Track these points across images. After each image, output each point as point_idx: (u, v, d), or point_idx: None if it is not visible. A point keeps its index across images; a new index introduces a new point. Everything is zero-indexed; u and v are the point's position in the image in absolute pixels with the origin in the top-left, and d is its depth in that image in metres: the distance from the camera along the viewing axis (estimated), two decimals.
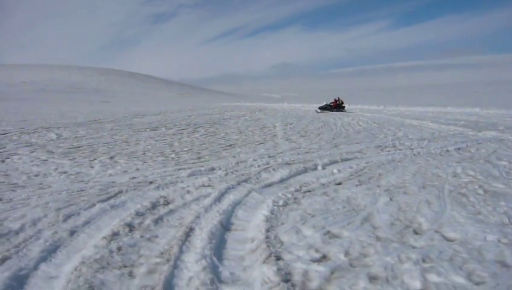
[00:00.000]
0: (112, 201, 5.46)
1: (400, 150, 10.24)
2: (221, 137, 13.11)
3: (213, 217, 4.80)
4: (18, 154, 9.37)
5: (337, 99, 29.45)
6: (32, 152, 9.71)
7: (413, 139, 12.36)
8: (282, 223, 4.66)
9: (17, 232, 4.30)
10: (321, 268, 3.52)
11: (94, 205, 5.27)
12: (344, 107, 29.07)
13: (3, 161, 8.55)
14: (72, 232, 4.31)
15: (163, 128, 15.77)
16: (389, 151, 10.08)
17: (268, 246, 3.95)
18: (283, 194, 5.82)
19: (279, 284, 3.21)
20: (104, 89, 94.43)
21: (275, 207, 5.20)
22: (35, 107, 35.15)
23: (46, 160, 8.72)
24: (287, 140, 12.40)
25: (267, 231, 4.39)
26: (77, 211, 5.00)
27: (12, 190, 6.12)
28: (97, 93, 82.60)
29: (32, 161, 8.55)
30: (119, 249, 3.88)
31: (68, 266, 3.54)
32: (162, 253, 3.84)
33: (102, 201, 5.44)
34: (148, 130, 15.24)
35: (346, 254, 3.86)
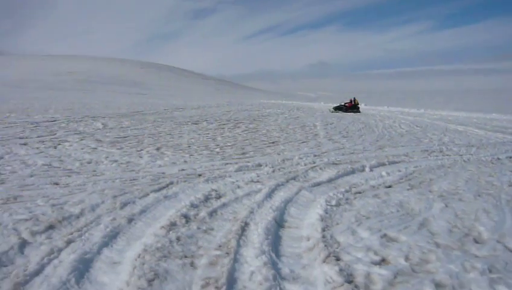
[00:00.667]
0: (164, 191, 5.53)
1: (448, 155, 9.99)
2: (263, 134, 13.11)
3: (267, 213, 4.78)
4: (68, 141, 9.62)
5: (352, 99, 28.91)
6: (81, 140, 9.96)
7: (461, 145, 12.03)
8: (337, 224, 4.61)
9: (77, 217, 4.40)
10: (383, 271, 3.45)
11: (148, 194, 5.35)
12: (359, 108, 28.57)
13: (55, 147, 8.79)
14: (130, 220, 4.38)
15: (205, 123, 15.89)
16: (436, 156, 9.85)
17: (326, 246, 3.91)
18: (334, 194, 5.75)
19: (342, 285, 3.17)
20: (142, 81, 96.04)
21: (328, 207, 5.15)
22: (79, 96, 36.09)
23: (96, 148, 8.92)
24: (329, 140, 12.29)
25: (323, 230, 4.34)
26: (132, 199, 5.08)
27: (68, 176, 6.29)
28: (136, 85, 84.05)
29: (82, 149, 8.76)
30: (178, 239, 3.92)
31: (131, 253, 3.60)
32: (220, 246, 3.85)
33: (155, 191, 5.52)
34: (189, 123, 15.39)
35: (407, 258, 3.77)
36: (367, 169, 7.76)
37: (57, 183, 5.82)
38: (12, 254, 3.46)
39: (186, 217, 4.52)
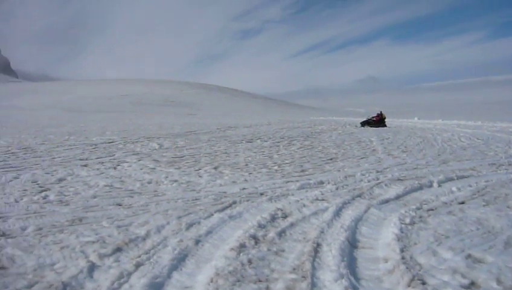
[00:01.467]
0: (228, 211, 5.38)
1: None
2: (319, 150, 12.82)
3: (338, 233, 4.53)
4: (127, 162, 9.72)
5: (379, 113, 27.62)
6: (139, 160, 10.04)
7: None
8: (415, 243, 4.28)
9: (144, 239, 4.31)
10: None
11: (212, 214, 5.22)
12: (385, 122, 27.20)
13: (115, 168, 8.88)
14: (197, 241, 4.25)
15: (259, 141, 15.78)
16: (506, 169, 9.25)
17: (407, 268, 3.60)
18: (406, 212, 5.42)
19: None
20: (193, 102, 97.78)
21: (403, 225, 4.82)
22: (133, 118, 37.06)
23: (154, 168, 8.95)
24: (388, 155, 11.85)
25: (401, 251, 4.03)
26: (197, 219, 4.96)
27: (130, 196, 6.28)
28: (187, 106, 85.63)
29: (141, 169, 8.80)
30: (249, 261, 3.73)
31: (202, 277, 3.44)
32: (294, 269, 3.63)
33: (219, 211, 5.38)
34: (244, 142, 15.32)
35: (499, 282, 3.42)
36: (435, 185, 7.34)
37: (120, 205, 5.80)
38: (81, 277, 3.38)
39: (255, 238, 4.33)
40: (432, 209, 5.70)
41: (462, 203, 6.13)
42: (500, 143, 15.88)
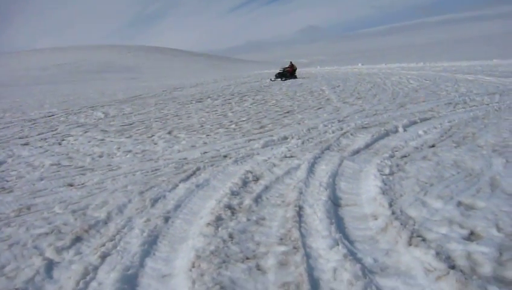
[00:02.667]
0: (193, 180, 4.92)
1: (475, 106, 9.41)
2: (274, 104, 12.45)
3: (318, 192, 4.20)
4: (72, 135, 8.96)
5: (291, 64, 26.35)
6: (85, 132, 9.29)
7: (482, 94, 11.45)
8: (401, 195, 4.01)
9: (105, 222, 3.80)
10: (483, 249, 2.87)
11: (177, 185, 4.74)
12: (296, 73, 26.14)
13: (60, 144, 8.13)
14: (166, 219, 3.78)
15: (209, 100, 15.22)
16: (464, 108, 9.25)
17: (402, 225, 3.32)
18: (381, 162, 5.15)
19: (448, 273, 2.59)
20: (132, 65, 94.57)
21: (384, 177, 4.55)
22: (72, 87, 35.16)
23: (103, 139, 8.27)
24: (344, 103, 11.66)
25: (390, 205, 3.74)
26: (161, 193, 4.47)
27: (82, 174, 5.65)
28: (127, 70, 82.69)
29: (89, 142, 8.10)
30: (231, 236, 3.31)
31: (181, 262, 3.00)
32: (281, 239, 3.26)
33: (184, 180, 4.92)
34: (193, 102, 14.71)
35: (499, 229, 3.20)
36: (400, 129, 7.17)
37: (71, 185, 5.18)
38: (39, 280, 2.86)
39: (231, 208, 3.91)
40: (406, 156, 5.48)
41: (433, 146, 5.96)
42: (448, 82, 16.12)
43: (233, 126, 8.82)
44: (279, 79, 24.49)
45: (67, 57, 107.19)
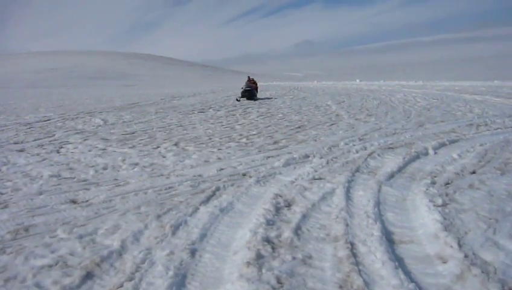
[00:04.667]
0: (215, 202, 4.31)
1: (499, 129, 9.01)
2: (281, 118, 11.89)
3: (366, 224, 3.60)
4: (71, 143, 8.30)
5: (251, 80, 21.23)
6: (85, 140, 8.65)
7: (500, 116, 11.09)
8: (465, 233, 3.43)
9: (120, 253, 3.16)
10: None
11: (198, 208, 4.13)
12: (257, 92, 20.62)
13: (58, 151, 7.47)
14: (192, 252, 3.17)
15: (211, 110, 14.66)
16: (489, 130, 8.81)
17: (483, 272, 2.75)
18: (427, 190, 4.57)
19: None
20: (128, 73, 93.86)
21: (439, 209, 3.96)
22: (66, 92, 34.44)
23: (105, 149, 7.63)
24: (356, 120, 11.14)
25: (459, 245, 3.16)
26: (182, 217, 3.84)
27: (86, 189, 4.99)
28: (122, 77, 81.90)
29: (90, 151, 7.46)
30: (279, 281, 2.70)
31: None
32: (340, 286, 2.66)
33: (204, 203, 4.30)
34: (195, 112, 14.13)
35: None
36: (431, 152, 6.65)
37: (74, 201, 4.53)
38: None
39: (269, 242, 3.29)
40: (449, 183, 4.93)
41: (474, 172, 5.42)
42: (458, 102, 15.83)
43: (244, 140, 8.22)
44: (244, 99, 19.44)
45: (62, 62, 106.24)
